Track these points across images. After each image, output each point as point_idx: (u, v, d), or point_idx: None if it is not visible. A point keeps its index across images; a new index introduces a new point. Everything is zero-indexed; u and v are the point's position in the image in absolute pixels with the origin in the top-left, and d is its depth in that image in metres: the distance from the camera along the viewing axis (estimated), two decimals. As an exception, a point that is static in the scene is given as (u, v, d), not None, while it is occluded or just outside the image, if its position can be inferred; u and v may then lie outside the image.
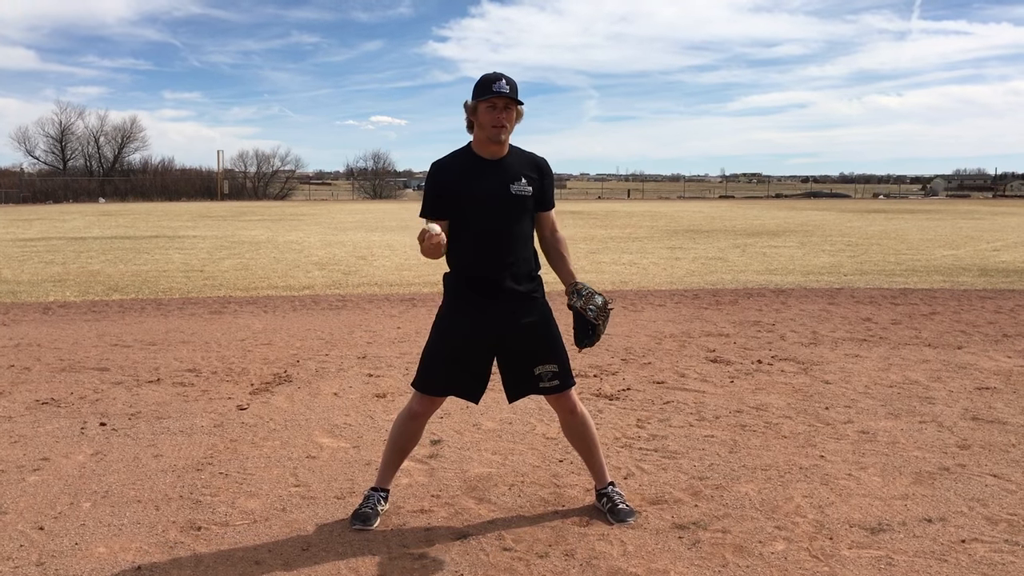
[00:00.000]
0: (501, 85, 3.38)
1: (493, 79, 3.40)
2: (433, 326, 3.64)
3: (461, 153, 3.54)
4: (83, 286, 11.76)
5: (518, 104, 3.44)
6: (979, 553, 3.33)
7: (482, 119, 3.42)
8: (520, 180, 3.51)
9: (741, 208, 48.08)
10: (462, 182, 3.45)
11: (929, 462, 4.40)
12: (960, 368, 6.57)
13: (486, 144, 3.47)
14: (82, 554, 3.32)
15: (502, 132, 3.43)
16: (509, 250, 3.50)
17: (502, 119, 3.40)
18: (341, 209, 46.41)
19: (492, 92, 3.37)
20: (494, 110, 3.39)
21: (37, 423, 5.06)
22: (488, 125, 3.42)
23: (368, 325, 8.58)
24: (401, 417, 3.71)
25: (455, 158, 3.53)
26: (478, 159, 3.50)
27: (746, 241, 20.72)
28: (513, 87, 3.41)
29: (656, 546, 3.41)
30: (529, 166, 3.58)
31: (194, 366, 6.62)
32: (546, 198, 3.65)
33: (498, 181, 3.47)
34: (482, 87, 3.41)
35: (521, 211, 3.54)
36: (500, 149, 3.50)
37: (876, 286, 11.88)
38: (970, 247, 18.86)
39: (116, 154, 78.68)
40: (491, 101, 3.38)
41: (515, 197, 3.50)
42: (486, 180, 3.46)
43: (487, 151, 3.49)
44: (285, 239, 21.34)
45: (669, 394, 5.79)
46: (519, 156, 3.58)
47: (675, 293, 11.14)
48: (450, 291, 3.59)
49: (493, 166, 3.49)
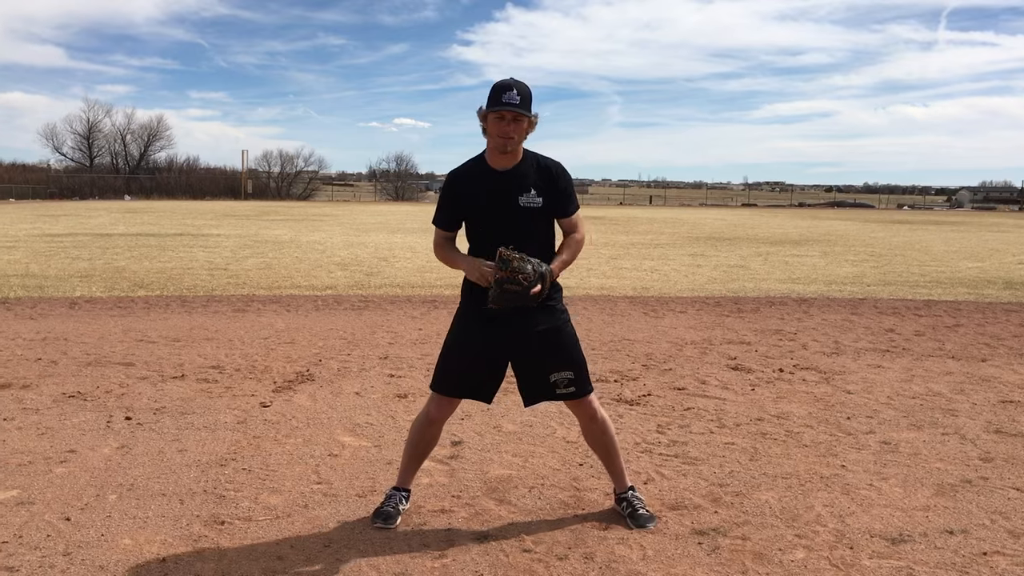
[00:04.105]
0: (511, 96, 3.34)
1: (504, 89, 3.36)
2: (450, 329, 3.69)
3: (474, 163, 3.54)
4: (109, 282, 11.89)
5: (528, 115, 3.40)
6: (1001, 566, 3.32)
7: (491, 129, 3.40)
8: (530, 191, 3.46)
9: (763, 216, 47.87)
10: (473, 193, 3.46)
11: (951, 474, 4.38)
12: (984, 381, 6.52)
13: (497, 154, 3.46)
14: (108, 545, 3.37)
15: (508, 144, 3.40)
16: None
17: (509, 131, 3.37)
18: (363, 210, 46.63)
19: (501, 103, 3.34)
20: (502, 121, 3.36)
21: (64, 416, 5.13)
22: (495, 135, 3.39)
23: (390, 326, 8.63)
24: (419, 422, 3.73)
25: (468, 167, 3.54)
26: (489, 170, 3.48)
27: (768, 249, 20.64)
28: (524, 98, 3.36)
29: (675, 551, 3.42)
30: (541, 175, 3.51)
31: (218, 363, 6.69)
32: (560, 205, 3.56)
33: (507, 193, 3.44)
34: (492, 96, 3.37)
35: (531, 222, 3.49)
36: (510, 159, 3.47)
37: (899, 297, 11.80)
38: (995, 259, 18.70)
39: (142, 152, 79.69)
40: (499, 112, 3.36)
41: (523, 209, 3.45)
42: (495, 192, 3.44)
43: (498, 161, 3.47)
44: (308, 239, 21.47)
45: (690, 400, 5.79)
46: (531, 164, 3.52)
47: (696, 300, 11.12)
48: (465, 296, 3.62)
49: (504, 177, 3.46)
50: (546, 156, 3.60)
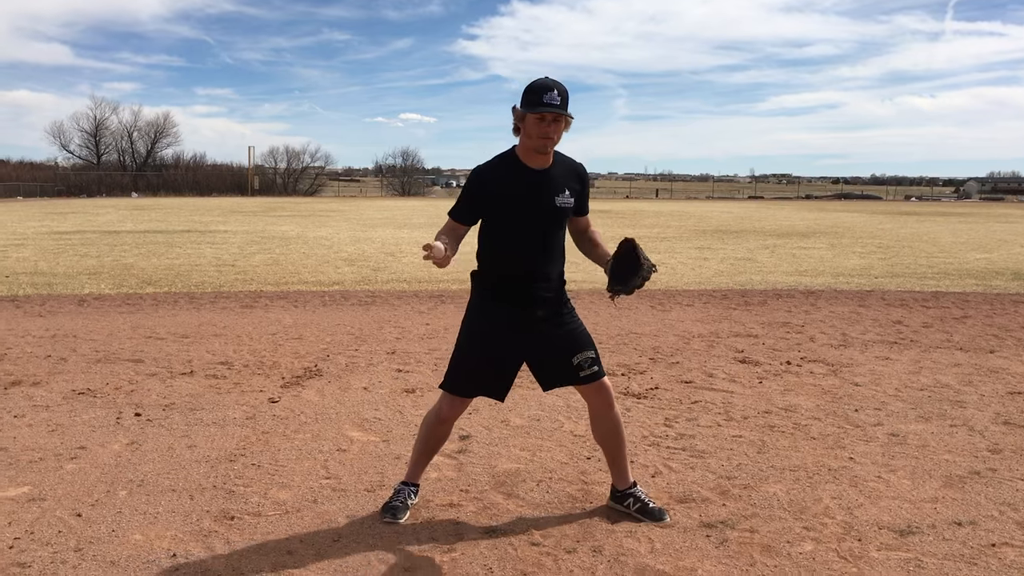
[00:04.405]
0: (552, 97, 3.29)
1: (544, 89, 3.31)
2: (463, 327, 3.64)
3: (506, 160, 3.47)
4: (117, 279, 11.94)
5: (569, 116, 3.37)
6: (1009, 557, 3.32)
7: (529, 129, 3.35)
8: (564, 192, 3.48)
9: (770, 209, 47.77)
10: (507, 191, 3.40)
11: (959, 466, 4.37)
12: (992, 372, 6.51)
13: (532, 154, 3.42)
14: (119, 541, 3.39)
15: (548, 144, 3.37)
16: (547, 259, 3.50)
17: (550, 132, 3.33)
18: (370, 206, 46.66)
19: (543, 105, 3.29)
20: (542, 122, 3.31)
21: (74, 412, 5.16)
22: (535, 136, 3.34)
23: (397, 321, 8.64)
24: (430, 420, 3.72)
25: (501, 164, 3.46)
26: (524, 168, 3.44)
27: (775, 242, 20.60)
28: (564, 98, 3.33)
29: (684, 544, 3.43)
30: (572, 176, 3.55)
31: (226, 359, 6.71)
32: (583, 205, 3.63)
33: (543, 193, 3.44)
34: (532, 97, 3.32)
35: (561, 222, 3.54)
36: (546, 159, 3.44)
37: (907, 289, 11.77)
38: (1004, 250, 18.63)
39: (149, 149, 79.85)
40: (541, 114, 3.31)
41: (558, 209, 3.48)
42: (531, 191, 3.42)
43: (533, 160, 3.43)
44: (315, 235, 21.50)
45: (697, 394, 5.79)
46: (563, 165, 3.53)
47: (703, 293, 11.12)
48: (481, 293, 3.57)
49: (539, 176, 3.44)
50: (569, 156, 3.61)
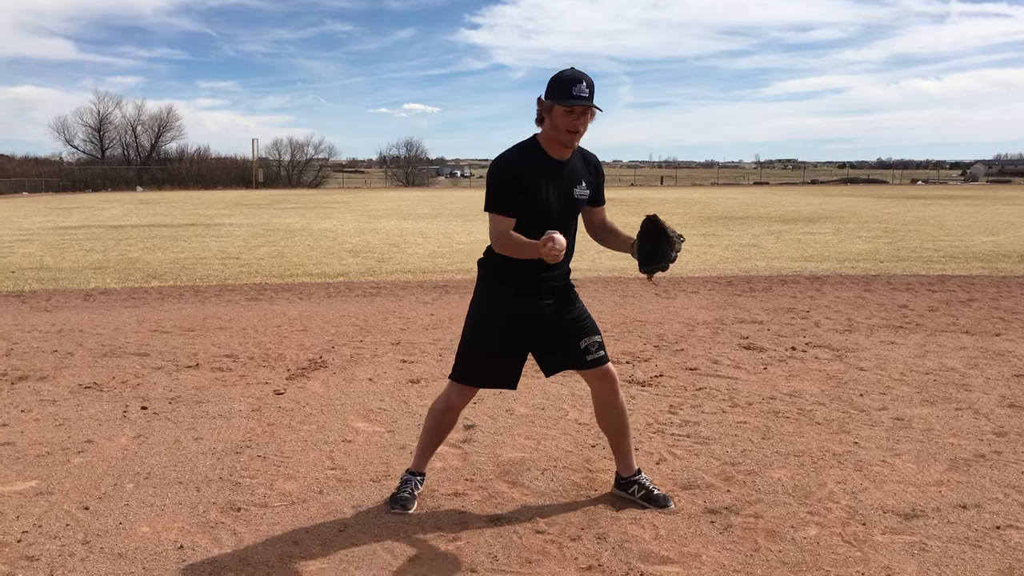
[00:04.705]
0: (581, 89, 3.26)
1: (573, 81, 3.27)
2: (471, 317, 3.62)
3: (528, 148, 3.43)
4: (123, 273, 11.97)
5: (597, 108, 3.35)
6: (1014, 539, 3.32)
7: (557, 122, 3.31)
8: (581, 183, 3.49)
9: (776, 195, 47.64)
10: (531, 180, 3.37)
11: (965, 449, 4.37)
12: (998, 355, 6.50)
13: (557, 146, 3.39)
14: (126, 533, 3.41)
15: (576, 137, 3.36)
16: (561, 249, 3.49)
17: (578, 125, 3.31)
18: (374, 197, 46.68)
19: (572, 97, 3.26)
20: (571, 115, 3.28)
21: (81, 407, 5.18)
22: (563, 130, 3.31)
23: (402, 312, 8.66)
24: (438, 409, 3.72)
25: (523, 154, 3.41)
26: (548, 159, 3.41)
27: (781, 228, 20.55)
28: (592, 90, 3.30)
29: (688, 530, 3.44)
30: (589, 168, 3.55)
31: (232, 352, 6.73)
32: (599, 196, 3.64)
33: (564, 184, 3.43)
34: (561, 89, 3.28)
35: (576, 213, 3.55)
36: (569, 151, 3.43)
37: (913, 273, 11.74)
38: (1010, 233, 18.56)
39: (153, 143, 79.97)
40: (570, 107, 3.28)
41: (576, 201, 3.48)
42: (553, 182, 3.40)
43: (556, 151, 3.41)
44: (319, 227, 21.52)
45: (702, 380, 5.79)
46: (580, 157, 3.52)
47: (708, 280, 11.10)
48: (490, 282, 3.56)
49: (561, 167, 3.42)
50: (584, 147, 3.58)
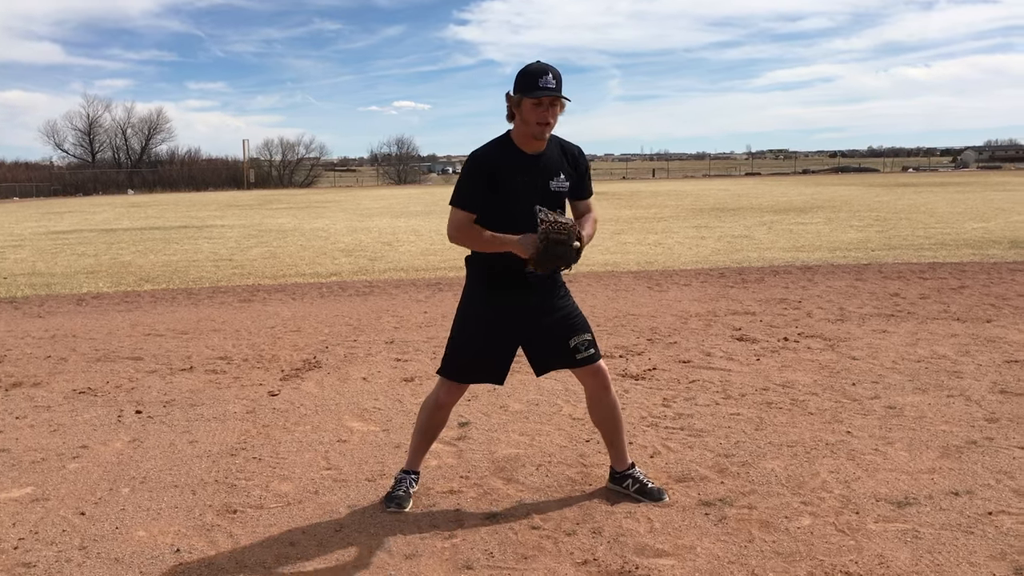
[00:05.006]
0: (547, 80, 3.28)
1: (539, 73, 3.28)
2: (459, 313, 3.65)
3: (502, 144, 3.45)
4: (115, 277, 11.95)
5: (565, 98, 3.35)
6: (1006, 525, 3.34)
7: (526, 115, 3.33)
8: (559, 176, 3.49)
9: (767, 185, 47.70)
10: (505, 176, 3.39)
11: (956, 436, 4.40)
12: (989, 342, 6.53)
13: (528, 139, 3.40)
14: (123, 538, 3.41)
15: (546, 129, 3.37)
16: None
17: (547, 116, 3.33)
18: (366, 195, 46.63)
19: (539, 89, 3.27)
20: (539, 107, 3.30)
21: (75, 412, 5.18)
22: (533, 122, 3.33)
23: (395, 310, 8.66)
24: (429, 407, 3.73)
25: (497, 149, 3.44)
26: (520, 153, 3.42)
27: (772, 218, 20.59)
28: (558, 81, 3.31)
29: (683, 523, 3.46)
30: (568, 159, 3.54)
31: (225, 354, 6.73)
32: (583, 188, 3.63)
33: (539, 177, 3.44)
34: (527, 82, 3.30)
35: (557, 206, 3.52)
36: (542, 144, 3.44)
37: (904, 261, 11.79)
38: (1001, 219, 18.63)
39: (143, 146, 79.88)
40: (538, 99, 3.29)
41: (554, 193, 3.48)
42: (528, 176, 3.41)
43: (529, 145, 3.42)
44: (311, 226, 21.50)
45: (695, 373, 5.81)
46: (558, 149, 3.52)
47: (701, 272, 11.13)
48: (476, 279, 3.58)
49: (534, 160, 3.43)
50: (566, 139, 3.60)
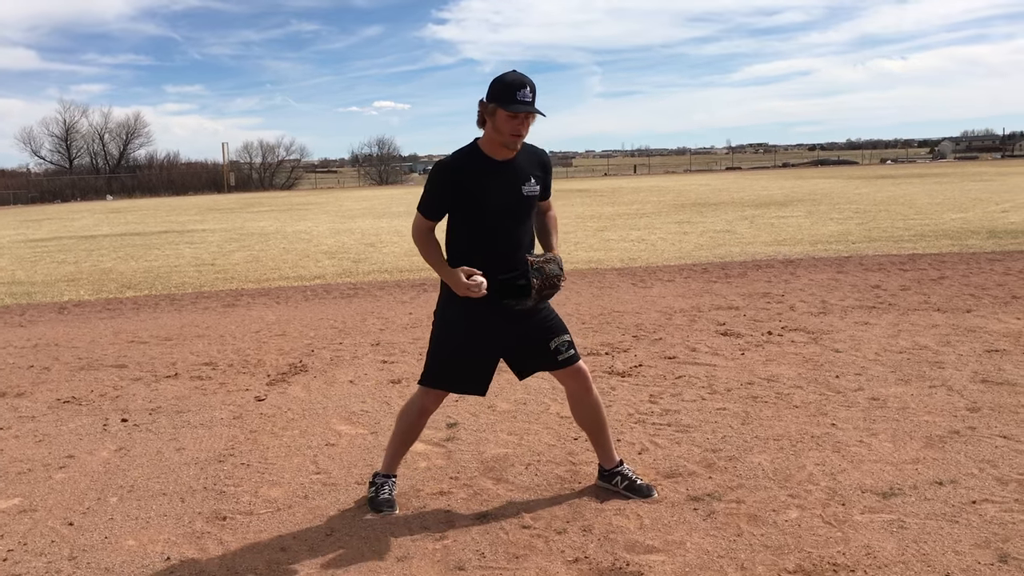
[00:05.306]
0: (525, 94, 3.30)
1: (517, 86, 3.30)
2: (438, 322, 3.64)
3: (470, 153, 3.46)
4: (96, 284, 11.87)
5: (540, 113, 3.38)
6: (990, 513, 3.39)
7: (501, 126, 3.34)
8: (530, 181, 3.51)
9: (748, 179, 47.91)
10: (475, 185, 3.40)
11: (939, 426, 4.45)
12: (969, 331, 6.60)
13: (500, 148, 3.42)
14: (112, 547, 3.41)
15: (519, 141, 3.40)
16: (517, 248, 3.52)
17: (521, 129, 3.36)
18: (348, 196, 46.48)
19: (516, 102, 3.29)
20: (515, 120, 3.33)
21: (60, 421, 5.15)
22: (507, 133, 3.35)
23: (380, 312, 8.66)
24: (411, 413, 3.73)
25: (465, 159, 3.45)
26: (490, 160, 3.44)
27: (754, 212, 20.69)
28: (534, 94, 3.35)
29: (672, 518, 3.48)
30: (536, 165, 3.57)
31: (210, 359, 6.71)
32: (548, 190, 3.69)
33: (510, 184, 3.46)
34: (504, 93, 3.30)
35: (530, 210, 3.57)
36: (513, 153, 3.46)
37: (885, 253, 11.88)
38: (979, 209, 18.80)
39: (121, 151, 79.23)
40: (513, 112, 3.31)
41: (525, 198, 3.51)
42: (499, 183, 3.43)
43: (499, 153, 3.44)
44: (294, 229, 21.42)
45: (681, 369, 5.84)
46: (525, 154, 3.53)
47: (684, 268, 11.18)
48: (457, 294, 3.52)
49: (504, 168, 3.45)
50: (530, 143, 3.60)
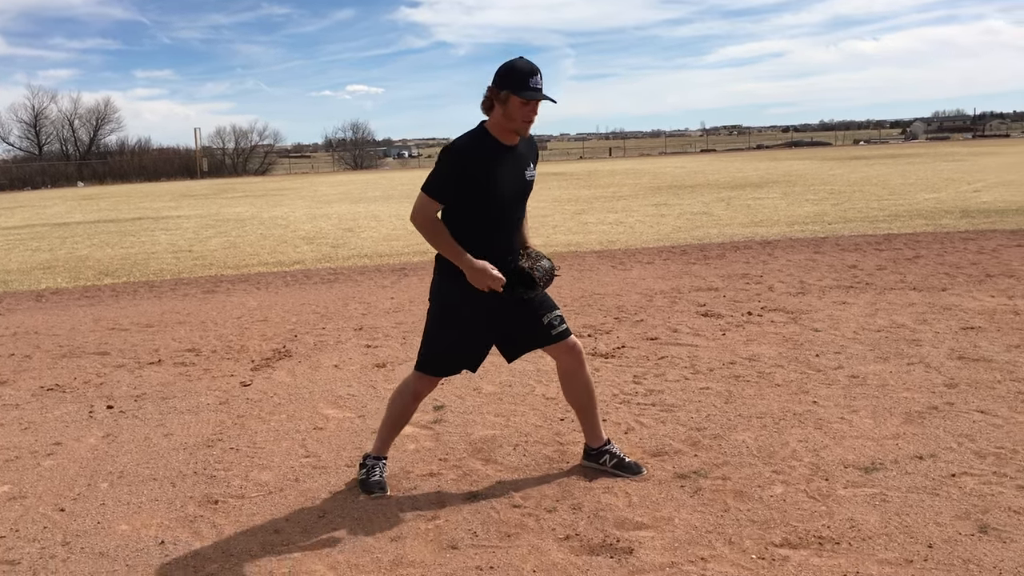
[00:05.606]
0: (536, 81, 3.35)
1: (529, 73, 3.34)
2: (433, 307, 3.64)
3: (481, 137, 3.47)
4: (73, 272, 11.78)
5: (551, 99, 3.43)
6: (969, 486, 3.48)
7: (513, 112, 3.37)
8: (530, 166, 3.58)
9: (723, 161, 48.11)
10: (486, 169, 3.42)
11: (918, 402, 4.54)
12: (945, 309, 6.71)
13: (509, 134, 3.45)
14: (105, 532, 3.42)
15: (529, 127, 3.45)
16: (514, 230, 3.60)
17: (532, 115, 3.40)
18: (323, 181, 46.22)
19: (529, 89, 3.33)
20: (526, 106, 3.36)
21: (45, 409, 5.14)
22: (519, 120, 3.39)
23: (362, 297, 8.66)
24: (404, 397, 3.75)
25: (477, 142, 3.45)
26: (500, 145, 3.46)
27: (730, 194, 20.82)
28: (543, 80, 3.40)
29: (660, 496, 3.54)
30: (532, 151, 3.63)
31: (193, 346, 6.70)
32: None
33: (517, 169, 3.52)
34: (517, 80, 3.33)
35: (528, 195, 3.64)
36: (519, 138, 3.50)
37: (860, 233, 12.02)
38: (951, 189, 19.02)
39: (92, 136, 78.12)
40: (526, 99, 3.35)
41: (527, 183, 3.58)
42: (507, 168, 3.47)
43: (507, 138, 3.47)
44: (270, 215, 21.31)
45: (663, 349, 5.91)
46: (524, 141, 3.57)
47: (663, 250, 11.25)
48: (448, 270, 3.53)
49: (511, 153, 3.49)
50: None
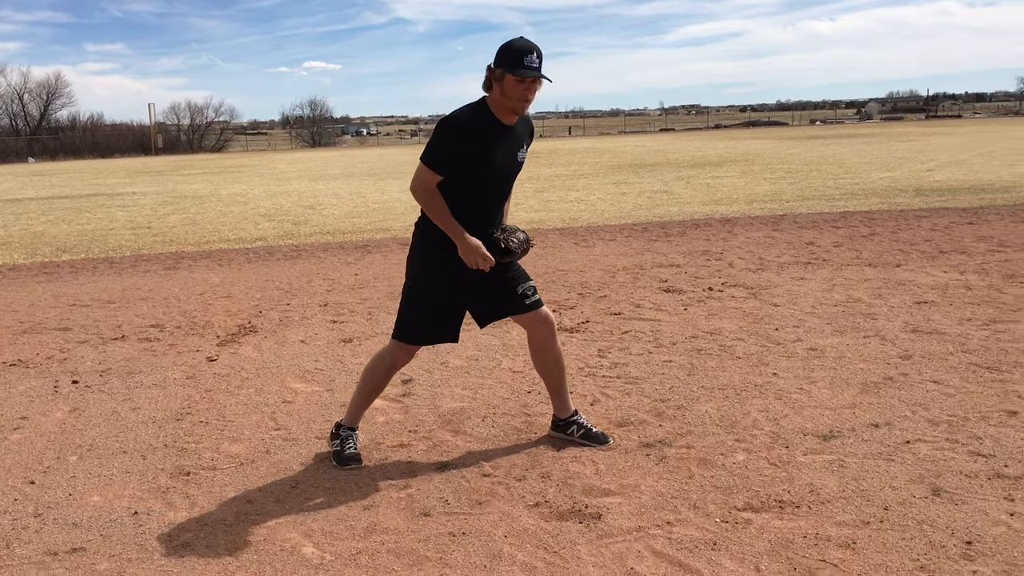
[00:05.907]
0: (532, 60, 3.37)
1: (525, 51, 3.37)
2: (412, 277, 3.66)
3: (479, 112, 3.49)
4: (29, 248, 11.59)
5: (548, 78, 3.46)
6: (922, 452, 3.61)
7: (509, 90, 3.40)
8: (523, 147, 3.63)
9: (682, 140, 48.41)
10: (483, 144, 3.45)
11: (874, 373, 4.68)
12: (900, 285, 6.89)
13: (507, 112, 3.49)
14: (77, 504, 3.43)
15: (527, 106, 3.48)
16: (498, 208, 3.66)
17: (528, 93, 3.43)
18: (281, 159, 45.71)
19: (525, 67, 3.36)
20: (522, 85, 3.39)
21: (8, 384, 5.10)
22: (514, 98, 3.42)
23: (325, 273, 8.65)
24: (381, 366, 3.77)
25: (476, 117, 3.47)
26: (498, 123, 3.50)
27: (689, 173, 21.00)
28: (541, 60, 3.43)
29: (626, 464, 3.63)
30: (527, 131, 3.68)
31: (157, 321, 6.66)
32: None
33: (511, 148, 3.56)
34: (513, 59, 3.37)
35: (515, 175, 3.69)
36: (516, 117, 3.55)
37: (817, 211, 12.22)
38: (905, 168, 19.37)
39: (42, 111, 76.53)
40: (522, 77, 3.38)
41: (518, 164, 3.64)
42: (503, 146, 3.52)
43: (505, 117, 3.50)
44: (228, 192, 21.08)
45: (627, 324, 6.00)
46: (520, 120, 3.61)
47: (624, 227, 11.36)
48: (429, 241, 3.57)
49: (508, 131, 3.53)
50: None
